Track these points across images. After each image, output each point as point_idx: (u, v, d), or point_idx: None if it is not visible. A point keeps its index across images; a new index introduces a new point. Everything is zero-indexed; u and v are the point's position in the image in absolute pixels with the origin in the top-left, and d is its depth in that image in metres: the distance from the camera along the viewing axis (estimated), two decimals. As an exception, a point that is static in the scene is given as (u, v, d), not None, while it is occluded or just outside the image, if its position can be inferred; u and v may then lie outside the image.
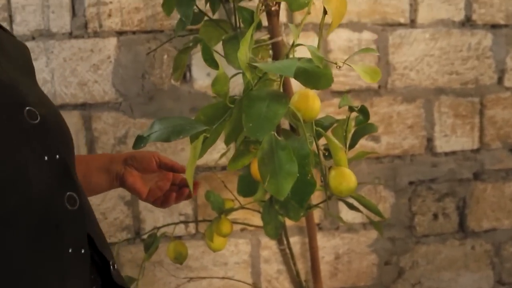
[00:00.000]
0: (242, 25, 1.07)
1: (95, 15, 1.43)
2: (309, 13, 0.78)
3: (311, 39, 1.48)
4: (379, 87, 1.56)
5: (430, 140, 1.60)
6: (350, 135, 0.99)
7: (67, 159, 0.74)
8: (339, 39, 1.52)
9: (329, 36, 1.49)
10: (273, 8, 0.97)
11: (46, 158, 0.70)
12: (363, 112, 0.91)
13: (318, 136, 0.92)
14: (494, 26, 1.61)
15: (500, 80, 1.63)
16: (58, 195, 0.71)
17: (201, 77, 1.47)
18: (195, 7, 1.10)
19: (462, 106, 1.61)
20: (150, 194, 1.02)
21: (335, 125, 0.97)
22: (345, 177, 0.83)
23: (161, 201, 1.03)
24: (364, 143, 1.53)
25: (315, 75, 0.68)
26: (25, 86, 0.75)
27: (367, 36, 1.53)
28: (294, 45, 0.75)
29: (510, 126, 1.65)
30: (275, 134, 0.72)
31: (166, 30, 1.45)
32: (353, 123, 0.98)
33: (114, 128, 1.46)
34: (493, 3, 1.60)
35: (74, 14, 1.43)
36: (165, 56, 1.46)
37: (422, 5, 1.56)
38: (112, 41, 1.44)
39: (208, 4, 1.15)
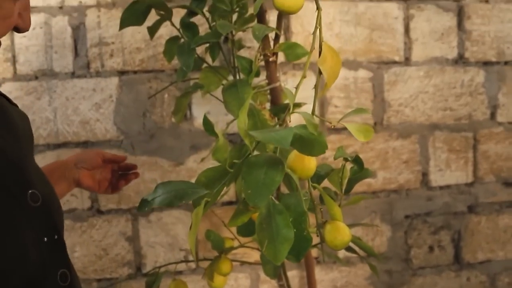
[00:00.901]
0: (241, 72, 1.10)
1: (97, 55, 1.47)
2: (304, 77, 0.81)
3: (309, 78, 1.52)
4: (375, 123, 1.59)
5: (425, 174, 1.64)
6: (345, 181, 1.02)
7: (63, 238, 0.78)
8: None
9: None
10: (270, 59, 1.01)
11: (45, 239, 0.74)
12: (357, 162, 0.94)
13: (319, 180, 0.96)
14: (486, 63, 1.65)
15: (492, 116, 1.67)
16: (52, 273, 0.75)
17: (201, 115, 1.49)
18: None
19: (456, 141, 1.65)
20: (100, 186, 1.16)
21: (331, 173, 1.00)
22: (339, 232, 0.86)
23: (112, 189, 1.18)
24: (361, 178, 1.56)
25: (310, 143, 0.71)
26: (29, 164, 0.78)
27: (363, 74, 1.57)
28: (291, 111, 0.78)
29: (503, 160, 1.68)
30: (273, 198, 0.76)
31: (167, 70, 1.49)
32: (348, 169, 1.02)
33: (115, 166, 1.49)
34: (484, 41, 1.64)
35: (76, 54, 1.47)
36: (166, 95, 1.49)
37: (416, 43, 1.60)
38: (114, 81, 1.48)
39: (208, 52, 1.19)
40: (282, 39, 1.48)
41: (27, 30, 0.80)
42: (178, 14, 1.17)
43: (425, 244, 1.66)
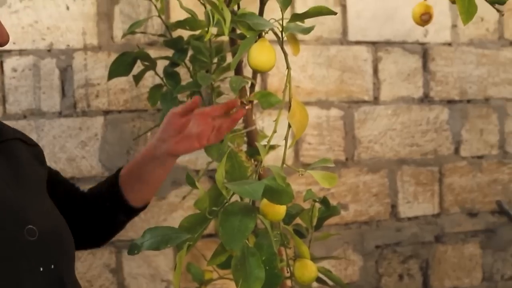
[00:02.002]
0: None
1: (84, 95, 1.55)
2: (275, 131, 0.90)
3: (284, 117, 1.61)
4: (346, 159, 1.69)
5: (394, 206, 1.74)
6: (315, 220, 1.11)
7: (63, 267, 0.86)
8: (308, 116, 1.65)
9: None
10: (247, 107, 1.10)
11: (41, 269, 0.82)
12: (325, 203, 1.03)
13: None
14: (450, 102, 1.76)
15: (456, 151, 1.78)
16: None
17: (182, 152, 1.58)
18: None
19: (422, 175, 1.75)
20: (200, 141, 1.10)
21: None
22: (307, 268, 0.95)
23: (214, 138, 1.11)
24: (333, 211, 1.66)
25: (279, 193, 0.80)
26: (31, 202, 0.87)
27: (335, 113, 1.67)
28: (261, 164, 0.87)
29: (467, 192, 1.79)
30: (247, 242, 0.85)
31: (150, 110, 1.57)
32: (317, 208, 1.11)
33: (100, 201, 1.56)
34: (448, 81, 1.76)
35: (63, 94, 1.54)
36: (149, 134, 1.58)
37: (384, 83, 1.71)
38: (99, 120, 1.56)
39: (189, 98, 1.28)
40: (258, 79, 1.58)
41: (6, 43, 0.86)
42: (162, 63, 1.26)
43: (395, 272, 1.75)
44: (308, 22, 0.98)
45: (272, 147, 1.23)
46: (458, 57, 1.77)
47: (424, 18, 1.06)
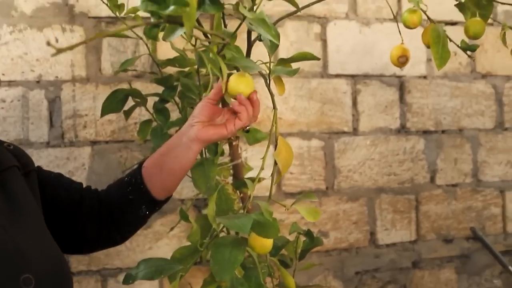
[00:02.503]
0: (207, 152, 1.24)
1: (71, 126, 1.59)
2: (262, 169, 0.95)
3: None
4: (327, 188, 1.75)
5: (373, 233, 1.79)
6: (299, 251, 1.16)
7: None
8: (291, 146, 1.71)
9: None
10: (234, 143, 1.15)
11: None
12: (309, 235, 1.09)
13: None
14: (425, 132, 1.84)
15: (432, 179, 1.85)
16: None
17: (168, 182, 1.62)
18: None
19: (400, 203, 1.81)
20: (227, 129, 1.04)
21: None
22: None
23: (240, 125, 1.04)
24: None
25: (266, 227, 0.85)
26: (28, 242, 0.89)
27: (316, 143, 1.73)
28: (250, 199, 0.92)
29: (443, 219, 1.86)
30: (236, 273, 0.89)
31: (136, 140, 1.61)
32: (302, 240, 1.16)
33: (87, 229, 1.59)
34: (423, 112, 1.83)
35: (52, 125, 1.58)
36: (135, 163, 1.61)
37: (363, 115, 1.78)
38: (87, 150, 1.59)
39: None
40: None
41: None
42: (152, 99, 1.31)
43: (374, 298, 1.81)
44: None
45: (258, 180, 1.28)
46: (433, 89, 1.84)
47: (401, 60, 1.13)
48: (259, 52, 1.11)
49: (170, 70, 1.39)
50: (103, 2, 1.22)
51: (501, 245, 1.92)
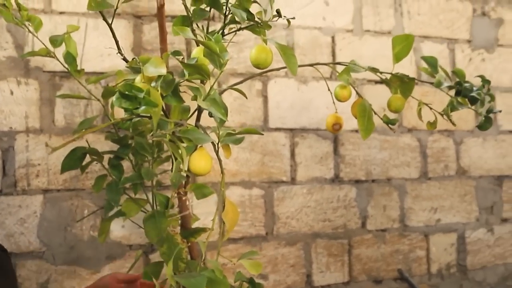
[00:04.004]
0: (158, 205, 1.35)
1: (24, 175, 1.65)
2: (212, 229, 1.07)
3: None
4: (267, 233, 1.87)
5: (309, 276, 1.93)
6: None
7: None
8: (233, 194, 1.83)
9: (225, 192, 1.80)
10: (184, 198, 1.27)
11: None
12: (252, 283, 1.21)
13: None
14: (357, 182, 2.00)
15: (363, 225, 2.01)
16: None
17: (117, 228, 1.71)
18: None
19: (334, 247, 1.96)
20: None
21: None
22: None
23: None
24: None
25: (218, 284, 0.96)
26: None
27: (256, 192, 1.86)
28: (203, 258, 1.04)
29: (373, 261, 2.01)
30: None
31: (87, 189, 1.69)
32: (245, 287, 1.27)
33: (37, 275, 1.65)
34: (355, 163, 2.00)
35: (4, 173, 1.64)
36: (86, 211, 1.69)
37: (300, 166, 1.92)
38: (39, 198, 1.66)
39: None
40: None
41: None
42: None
43: (309, 337, 1.93)
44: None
45: (204, 230, 1.40)
46: (364, 142, 2.02)
47: (336, 128, 1.28)
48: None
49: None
50: (64, 67, 1.32)
51: (425, 285, 2.10)
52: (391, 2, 2.11)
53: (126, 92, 0.75)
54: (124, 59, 1.36)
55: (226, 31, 1.28)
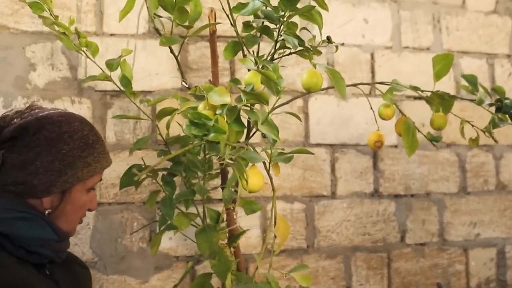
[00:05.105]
0: (208, 219, 1.41)
1: (78, 189, 1.74)
2: (266, 243, 1.12)
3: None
4: (308, 246, 1.92)
5: (349, 288, 1.97)
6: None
7: None
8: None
9: (269, 207, 1.86)
10: (233, 213, 1.33)
11: None
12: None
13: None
14: (396, 196, 2.04)
15: (402, 239, 2.04)
16: None
17: (165, 240, 1.78)
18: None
19: (373, 260, 2.00)
20: None
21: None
22: None
23: None
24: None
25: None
26: None
27: (298, 206, 1.92)
28: (257, 269, 1.09)
29: (412, 275, 2.04)
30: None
31: (137, 202, 1.77)
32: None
33: (89, 284, 1.73)
34: (394, 178, 2.04)
35: (59, 187, 1.73)
36: (135, 224, 1.77)
37: (341, 180, 1.97)
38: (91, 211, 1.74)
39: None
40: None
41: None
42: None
43: None
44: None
45: (243, 232, 1.45)
46: (403, 157, 2.05)
47: (377, 145, 1.33)
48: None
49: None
50: (121, 90, 1.39)
51: (464, 299, 2.11)
52: (430, 18, 2.15)
53: (195, 120, 0.82)
54: (184, 82, 1.45)
55: (275, 55, 1.34)
